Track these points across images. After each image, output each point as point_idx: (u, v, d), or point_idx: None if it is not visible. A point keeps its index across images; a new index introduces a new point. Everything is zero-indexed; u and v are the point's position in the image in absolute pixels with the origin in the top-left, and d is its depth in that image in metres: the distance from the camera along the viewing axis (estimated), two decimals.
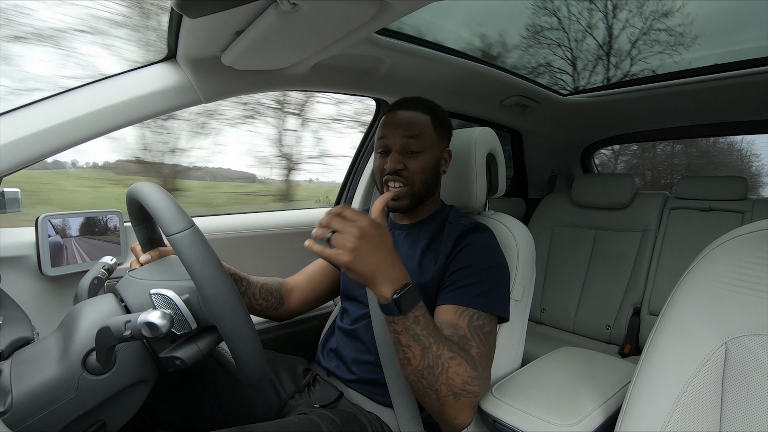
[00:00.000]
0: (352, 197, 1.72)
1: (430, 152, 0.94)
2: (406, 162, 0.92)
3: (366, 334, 0.95)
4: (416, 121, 0.93)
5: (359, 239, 0.63)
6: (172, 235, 0.57)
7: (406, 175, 0.92)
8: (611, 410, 0.80)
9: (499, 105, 1.80)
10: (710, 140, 3.64)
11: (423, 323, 0.68)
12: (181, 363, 0.61)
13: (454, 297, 0.83)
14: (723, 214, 1.81)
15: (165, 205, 0.60)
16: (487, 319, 0.82)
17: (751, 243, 0.56)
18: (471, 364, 0.72)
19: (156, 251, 0.82)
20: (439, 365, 0.68)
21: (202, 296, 0.57)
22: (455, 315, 0.81)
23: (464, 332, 0.78)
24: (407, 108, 0.95)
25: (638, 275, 1.89)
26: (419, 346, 0.68)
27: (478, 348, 0.77)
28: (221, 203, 2.24)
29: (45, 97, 0.94)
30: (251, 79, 1.13)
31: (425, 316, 0.69)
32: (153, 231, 0.81)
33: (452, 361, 0.69)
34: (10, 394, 0.52)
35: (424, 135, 0.93)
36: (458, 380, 0.69)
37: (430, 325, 0.69)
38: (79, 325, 0.59)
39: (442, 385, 0.69)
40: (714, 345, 0.54)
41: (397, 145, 0.92)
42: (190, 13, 0.65)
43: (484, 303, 0.82)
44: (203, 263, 0.56)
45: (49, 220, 0.99)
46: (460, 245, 0.88)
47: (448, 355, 0.69)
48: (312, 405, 0.91)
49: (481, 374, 0.73)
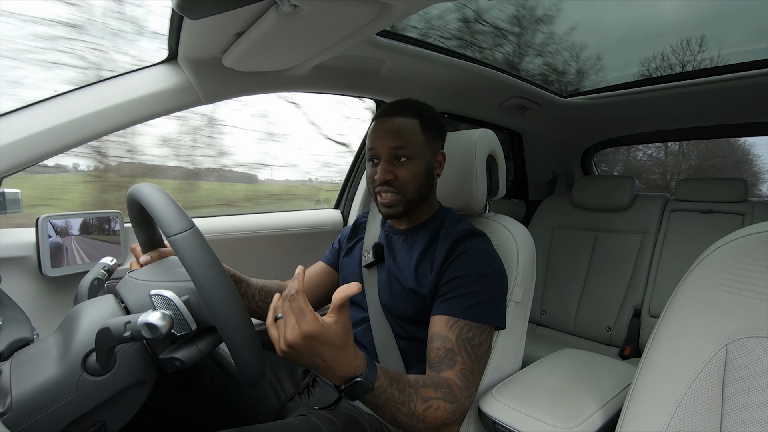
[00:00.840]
0: (353, 198, 1.72)
1: (421, 158, 0.92)
2: (396, 171, 0.91)
3: (365, 338, 0.95)
4: (404, 128, 0.92)
5: (293, 341, 0.57)
6: (172, 236, 0.57)
7: (397, 185, 0.91)
8: (611, 412, 0.80)
9: (499, 106, 1.80)
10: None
11: (385, 398, 0.65)
12: (180, 364, 0.61)
13: (447, 307, 0.83)
14: (723, 216, 1.81)
15: (165, 206, 0.60)
16: (478, 330, 0.82)
17: (752, 245, 0.56)
18: (449, 399, 0.72)
19: (156, 252, 0.82)
20: (414, 419, 0.68)
21: (202, 297, 0.57)
22: (446, 327, 0.81)
23: (452, 345, 0.79)
24: (394, 114, 0.93)
25: (638, 277, 1.89)
26: (386, 413, 0.67)
27: (463, 362, 0.78)
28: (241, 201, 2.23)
29: (46, 98, 0.95)
30: (252, 80, 1.13)
31: (386, 390, 0.65)
32: (153, 232, 0.81)
33: (428, 411, 0.69)
34: (10, 394, 0.52)
35: (413, 141, 0.91)
36: (437, 421, 0.71)
37: (394, 394, 0.66)
38: (79, 326, 0.59)
39: (420, 429, 0.70)
40: (714, 347, 0.54)
41: (385, 154, 0.91)
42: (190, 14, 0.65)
43: (477, 314, 0.82)
44: (203, 264, 0.56)
45: (49, 221, 0.99)
46: (454, 254, 0.88)
47: (423, 408, 0.69)
48: (311, 407, 0.91)
49: (462, 397, 0.75)
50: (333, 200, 1.80)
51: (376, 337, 0.93)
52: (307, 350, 0.57)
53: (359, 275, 1.02)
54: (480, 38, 2.37)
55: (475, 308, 0.82)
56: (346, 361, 0.60)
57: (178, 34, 0.94)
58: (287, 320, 0.58)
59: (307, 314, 0.57)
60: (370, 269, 1.00)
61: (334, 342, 0.58)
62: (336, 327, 0.59)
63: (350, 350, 0.61)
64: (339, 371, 0.60)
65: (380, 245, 1.00)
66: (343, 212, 1.73)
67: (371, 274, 0.99)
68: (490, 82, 1.57)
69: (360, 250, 1.05)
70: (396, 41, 1.18)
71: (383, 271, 0.98)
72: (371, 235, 1.06)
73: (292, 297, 0.57)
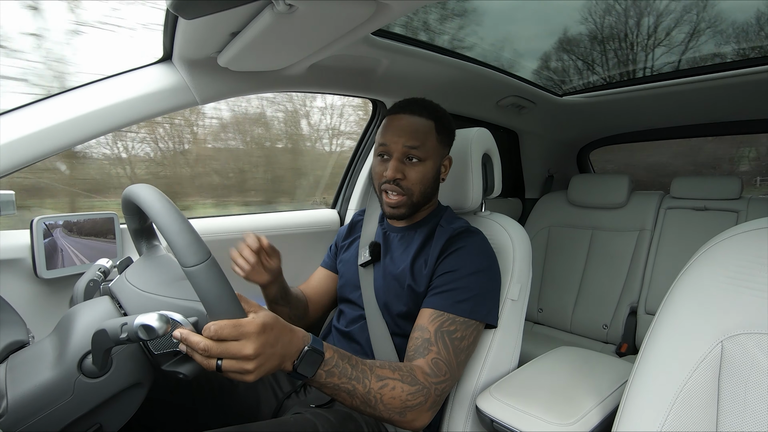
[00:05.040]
0: (350, 198, 1.72)
1: (431, 162, 0.92)
2: (406, 171, 0.90)
3: (362, 336, 0.96)
4: (420, 128, 0.90)
5: (257, 352, 0.55)
6: (188, 268, 0.54)
7: (404, 185, 0.91)
8: (608, 409, 0.80)
9: (495, 105, 1.80)
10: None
11: (338, 372, 0.65)
12: (184, 377, 0.61)
13: (434, 301, 0.84)
14: (718, 213, 1.82)
15: (181, 233, 0.56)
16: (463, 325, 0.81)
17: (747, 242, 0.57)
18: (408, 381, 0.71)
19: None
20: (371, 399, 0.68)
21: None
22: (428, 319, 0.82)
23: (429, 335, 0.79)
24: (411, 112, 0.92)
25: (635, 275, 1.90)
26: (342, 392, 0.66)
27: (438, 353, 0.77)
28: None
29: (40, 98, 0.94)
30: (247, 80, 1.12)
31: (337, 363, 0.66)
32: (145, 220, 0.79)
33: (384, 389, 0.69)
34: (6, 397, 0.52)
35: (427, 143, 0.90)
36: (396, 402, 0.70)
37: (347, 369, 0.66)
38: (75, 328, 0.59)
39: (381, 412, 0.69)
40: (710, 344, 0.54)
41: (398, 152, 0.90)
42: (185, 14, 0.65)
43: (466, 309, 0.82)
44: (219, 297, 0.55)
45: (44, 222, 0.98)
46: (449, 249, 0.88)
47: (378, 386, 0.68)
48: (308, 404, 0.91)
49: (426, 382, 0.73)
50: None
51: (372, 335, 0.93)
52: (268, 349, 0.57)
53: (356, 273, 1.02)
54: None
55: (464, 304, 0.82)
56: (295, 336, 0.62)
57: (172, 34, 0.93)
58: (230, 347, 0.54)
59: (239, 323, 0.55)
60: (366, 268, 1.00)
61: (277, 322, 0.60)
62: (264, 311, 0.60)
63: (291, 327, 0.63)
64: (293, 348, 0.61)
65: (377, 244, 1.01)
66: (339, 212, 1.72)
67: (368, 273, 0.99)
68: (486, 81, 1.57)
69: (356, 249, 1.06)
70: (392, 40, 1.18)
71: (379, 268, 0.98)
72: (368, 233, 1.06)
73: (213, 335, 0.53)
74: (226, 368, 0.54)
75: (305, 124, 2.13)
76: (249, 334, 0.55)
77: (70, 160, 1.44)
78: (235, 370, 0.55)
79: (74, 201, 1.45)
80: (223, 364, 0.54)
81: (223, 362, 0.54)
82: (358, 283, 1.00)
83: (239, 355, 0.54)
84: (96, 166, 1.56)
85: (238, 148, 2.00)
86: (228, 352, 0.54)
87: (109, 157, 1.61)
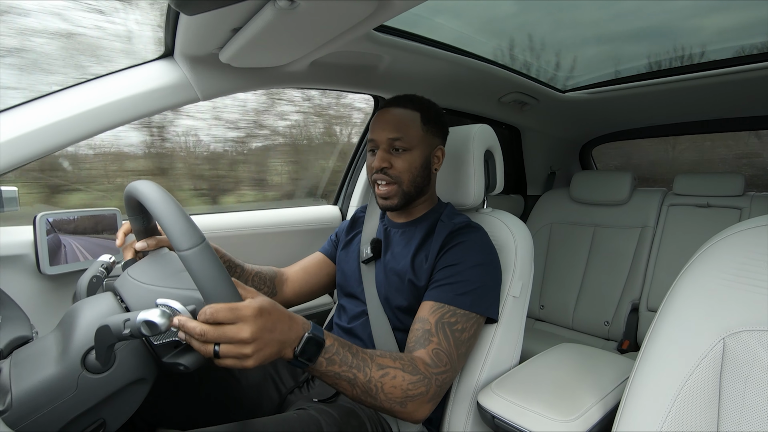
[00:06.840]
0: (351, 195, 1.72)
1: (418, 150, 0.94)
2: (392, 160, 0.93)
3: (364, 332, 0.96)
4: (403, 119, 0.93)
5: (255, 336, 0.55)
6: (183, 251, 0.55)
7: (392, 174, 0.93)
8: (610, 406, 0.80)
9: (497, 102, 1.80)
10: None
11: (339, 360, 0.65)
12: (185, 369, 0.61)
13: (436, 294, 0.84)
14: (721, 210, 1.81)
15: (175, 218, 0.57)
16: (464, 317, 0.82)
17: (749, 239, 0.57)
18: (409, 370, 0.72)
19: (153, 239, 0.80)
20: (372, 387, 0.68)
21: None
22: (429, 311, 0.82)
23: (430, 327, 0.80)
24: (396, 105, 0.96)
25: (637, 271, 1.90)
26: (343, 380, 0.67)
27: (439, 344, 0.78)
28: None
29: (42, 95, 0.94)
30: (249, 76, 1.12)
31: (338, 351, 0.66)
32: (149, 221, 0.80)
33: (385, 378, 0.69)
34: (10, 393, 0.52)
35: (411, 133, 0.93)
36: (397, 392, 0.70)
37: (348, 357, 0.67)
38: (79, 324, 0.59)
39: (383, 402, 0.69)
40: (712, 341, 0.54)
41: (384, 143, 0.93)
42: (187, 10, 0.65)
43: (467, 302, 0.82)
44: (214, 280, 0.55)
45: (47, 219, 0.98)
46: (450, 244, 0.89)
47: (379, 374, 0.69)
48: (311, 399, 0.91)
49: (427, 373, 0.74)
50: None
51: (374, 331, 0.93)
52: (266, 334, 0.56)
53: (357, 270, 1.02)
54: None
55: (465, 297, 0.83)
56: (294, 323, 0.62)
57: (174, 30, 0.93)
58: (227, 330, 0.53)
59: (236, 306, 0.54)
60: (368, 264, 1.00)
61: (275, 307, 0.59)
62: (261, 296, 0.60)
63: (291, 314, 0.62)
64: (293, 334, 0.61)
65: (378, 241, 1.01)
66: (341, 208, 1.72)
67: (369, 269, 0.99)
68: (489, 78, 1.57)
69: (358, 245, 1.06)
70: (394, 37, 1.18)
71: (381, 264, 0.98)
72: (369, 229, 1.07)
73: (209, 318, 0.53)
74: (224, 353, 0.54)
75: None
76: (245, 317, 0.54)
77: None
78: (232, 355, 0.55)
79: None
80: (221, 349, 0.54)
81: (221, 347, 0.54)
82: (360, 279, 1.00)
83: (236, 339, 0.54)
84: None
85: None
86: (225, 336, 0.53)
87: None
